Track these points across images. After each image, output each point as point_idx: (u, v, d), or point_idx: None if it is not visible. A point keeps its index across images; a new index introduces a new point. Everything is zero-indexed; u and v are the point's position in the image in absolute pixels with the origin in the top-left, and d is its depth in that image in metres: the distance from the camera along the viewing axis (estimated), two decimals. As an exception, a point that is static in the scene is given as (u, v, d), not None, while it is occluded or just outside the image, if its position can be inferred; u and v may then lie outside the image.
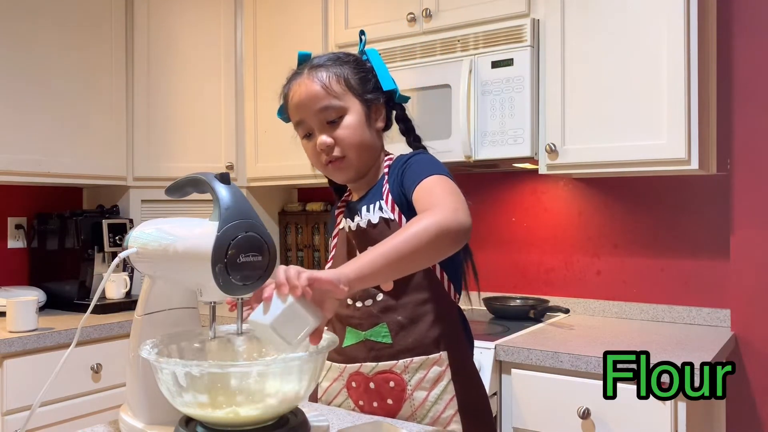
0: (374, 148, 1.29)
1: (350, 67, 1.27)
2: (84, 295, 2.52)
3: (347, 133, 1.23)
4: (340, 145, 1.24)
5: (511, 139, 2.08)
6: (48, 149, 2.43)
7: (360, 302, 1.23)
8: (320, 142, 1.24)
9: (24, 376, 2.03)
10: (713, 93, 2.08)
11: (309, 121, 1.25)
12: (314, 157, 1.29)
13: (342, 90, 1.24)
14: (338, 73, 1.25)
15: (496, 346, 1.82)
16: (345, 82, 1.25)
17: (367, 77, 1.28)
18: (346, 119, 1.24)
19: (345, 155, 1.24)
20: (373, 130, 1.28)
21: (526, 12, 2.11)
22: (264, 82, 2.76)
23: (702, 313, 2.15)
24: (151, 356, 0.90)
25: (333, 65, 1.26)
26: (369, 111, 1.27)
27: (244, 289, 0.94)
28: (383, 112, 1.31)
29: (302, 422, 0.97)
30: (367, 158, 1.28)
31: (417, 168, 1.20)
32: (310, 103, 1.23)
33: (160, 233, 1.01)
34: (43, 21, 2.42)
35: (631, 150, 1.93)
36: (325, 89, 1.23)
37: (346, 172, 1.27)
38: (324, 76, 1.24)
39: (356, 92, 1.25)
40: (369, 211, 1.24)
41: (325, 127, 1.24)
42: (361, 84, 1.27)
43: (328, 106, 1.23)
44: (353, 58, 1.31)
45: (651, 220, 2.26)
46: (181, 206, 2.67)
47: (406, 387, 1.19)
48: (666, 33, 1.88)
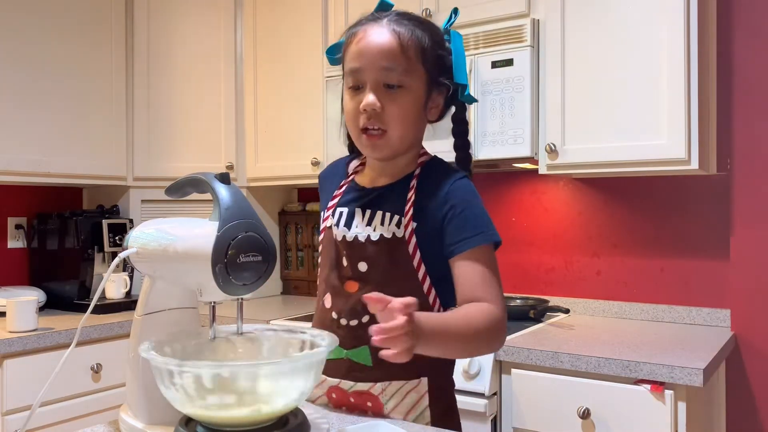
0: (418, 136, 1.18)
1: (435, 39, 1.13)
2: (84, 295, 2.52)
3: (399, 110, 1.10)
4: (386, 118, 1.10)
5: (511, 139, 2.08)
6: (48, 149, 2.43)
7: (346, 320, 1.15)
8: (367, 102, 1.09)
9: (24, 376, 2.03)
10: (713, 93, 2.08)
11: (366, 73, 1.10)
12: (352, 116, 1.13)
13: (416, 58, 1.10)
14: (421, 38, 1.11)
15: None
16: (422, 53, 1.10)
17: (445, 57, 1.14)
18: (406, 94, 1.10)
19: (386, 130, 1.11)
20: (425, 117, 1.16)
21: (526, 12, 2.11)
22: (264, 82, 2.76)
23: (702, 313, 2.15)
24: (172, 364, 0.88)
25: (419, 28, 1.12)
26: (430, 95, 1.14)
27: (244, 289, 0.94)
28: (442, 103, 1.18)
29: (302, 422, 0.97)
30: (407, 144, 1.15)
31: (469, 221, 1.10)
32: (377, 54, 1.08)
33: (160, 233, 1.01)
34: (44, 21, 2.42)
35: (631, 150, 1.93)
36: (401, 47, 1.08)
37: (379, 149, 1.13)
38: (405, 33, 1.09)
39: (428, 69, 1.12)
40: (384, 224, 1.13)
41: (381, 89, 1.09)
42: (437, 63, 1.13)
43: (395, 67, 1.08)
44: (440, 32, 1.16)
45: (651, 220, 2.26)
46: (181, 206, 2.66)
47: (382, 408, 1.14)
48: (666, 33, 1.88)
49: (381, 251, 1.13)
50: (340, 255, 1.17)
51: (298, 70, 2.64)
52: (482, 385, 1.79)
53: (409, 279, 1.13)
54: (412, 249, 1.12)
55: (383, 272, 1.13)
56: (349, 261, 1.16)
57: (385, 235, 1.13)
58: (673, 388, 1.59)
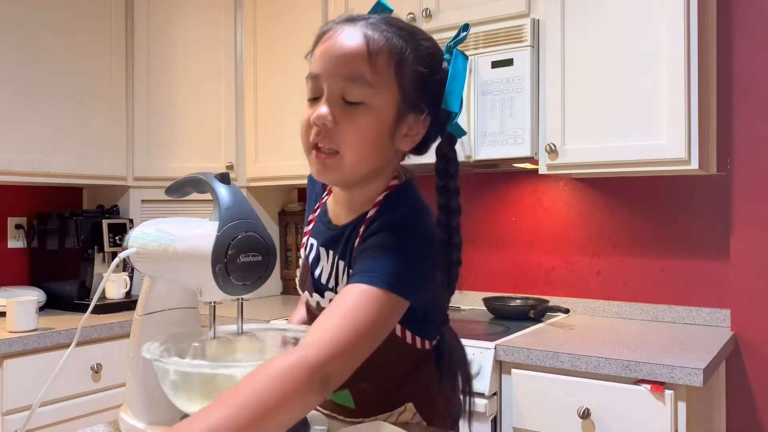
0: (379, 165, 0.97)
1: (419, 52, 0.94)
2: (84, 295, 2.52)
3: (354, 130, 0.91)
4: (338, 137, 0.92)
5: (511, 139, 2.08)
6: (48, 149, 2.43)
7: None
8: (318, 114, 0.91)
9: (24, 376, 2.03)
10: (713, 93, 2.08)
11: (324, 81, 0.92)
12: (304, 129, 0.95)
13: (386, 71, 0.91)
14: (397, 48, 0.92)
15: (496, 346, 1.82)
16: (396, 65, 0.92)
17: (429, 76, 0.95)
18: (366, 113, 0.92)
19: (338, 152, 0.93)
20: (393, 144, 0.96)
21: (526, 12, 2.11)
22: (264, 82, 2.76)
23: (702, 313, 2.15)
24: (172, 364, 0.87)
25: (398, 35, 0.93)
26: (400, 118, 0.94)
27: (244, 289, 0.94)
28: (421, 131, 0.97)
29: (302, 422, 0.97)
30: (361, 173, 0.95)
31: (376, 254, 0.88)
32: (339, 60, 0.91)
33: (160, 233, 1.01)
34: (43, 21, 2.43)
35: (631, 150, 1.93)
36: (368, 54, 0.90)
37: (328, 172, 0.95)
38: (378, 39, 0.91)
39: (402, 86, 0.93)
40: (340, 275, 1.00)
41: (338, 102, 0.92)
42: (416, 81, 0.94)
43: (357, 77, 0.90)
44: (431, 45, 0.97)
45: (651, 220, 2.26)
46: (181, 206, 2.66)
47: None
48: (666, 33, 1.88)
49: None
50: (310, 308, 1.11)
51: (298, 70, 2.64)
52: (482, 385, 1.79)
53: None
54: None
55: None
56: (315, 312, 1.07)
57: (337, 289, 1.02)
58: (673, 388, 1.59)
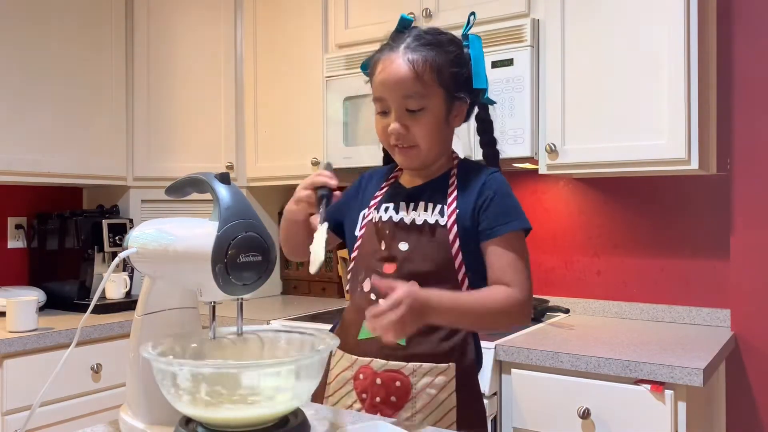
0: (446, 143, 1.28)
1: (449, 57, 1.22)
2: (84, 295, 2.52)
3: (423, 130, 1.21)
4: (412, 137, 1.21)
5: (511, 139, 2.08)
6: (48, 149, 2.43)
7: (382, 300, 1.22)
8: (393, 128, 1.21)
9: (24, 376, 2.03)
10: (713, 93, 2.08)
11: (389, 102, 1.22)
12: (383, 136, 1.26)
13: (432, 81, 1.20)
14: (434, 62, 1.20)
15: (496, 346, 1.82)
16: (437, 74, 1.20)
17: (461, 72, 1.23)
18: (427, 115, 1.21)
19: (416, 145, 1.22)
20: (450, 127, 1.27)
21: (526, 12, 2.11)
22: (264, 83, 2.76)
23: (702, 313, 2.15)
24: (172, 364, 0.88)
25: (432, 51, 1.21)
26: (451, 108, 1.24)
27: (244, 289, 0.94)
28: (465, 110, 1.27)
29: (302, 422, 0.97)
30: (437, 153, 1.26)
31: (503, 209, 1.22)
32: (396, 86, 1.20)
33: (160, 233, 1.01)
34: (44, 21, 2.42)
35: (631, 150, 1.93)
36: (416, 76, 1.19)
37: (412, 161, 1.25)
38: (419, 63, 1.19)
39: (446, 87, 1.21)
40: (427, 211, 1.24)
41: (404, 114, 1.21)
42: (453, 80, 1.22)
43: (413, 94, 1.19)
44: (455, 46, 1.25)
45: (651, 220, 2.26)
46: (181, 206, 2.66)
47: (411, 389, 1.19)
48: (666, 33, 1.88)
49: (423, 233, 1.22)
50: (380, 239, 1.25)
51: (298, 70, 2.64)
52: (482, 385, 1.78)
53: (446, 264, 1.21)
54: (453, 236, 1.21)
55: (422, 254, 1.22)
56: (390, 242, 1.24)
57: (428, 220, 1.23)
58: (673, 388, 1.59)
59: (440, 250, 1.21)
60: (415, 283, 1.09)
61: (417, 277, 1.16)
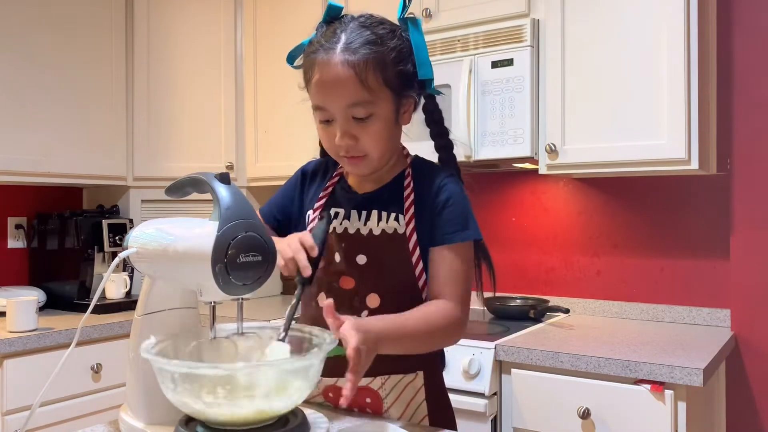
0: (396, 142, 1.19)
1: (393, 53, 1.09)
2: (84, 295, 2.52)
3: (374, 139, 1.11)
4: (362, 146, 1.11)
5: (511, 139, 2.08)
6: (48, 149, 2.43)
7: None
8: (341, 142, 1.10)
9: (24, 376, 2.03)
10: (713, 93, 2.08)
11: (332, 110, 1.10)
12: (330, 147, 1.15)
13: (377, 84, 1.08)
14: (378, 62, 1.07)
15: (496, 346, 1.82)
16: (382, 75, 1.08)
17: (406, 67, 1.11)
18: (376, 122, 1.10)
19: (366, 154, 1.12)
20: (399, 126, 1.17)
21: (526, 12, 2.11)
22: (264, 82, 2.76)
23: (702, 313, 2.15)
24: (172, 364, 0.89)
25: (373, 48, 1.08)
26: (399, 107, 1.13)
27: (244, 289, 0.94)
28: (413, 104, 1.17)
29: (302, 422, 0.97)
30: (388, 158, 1.17)
31: (456, 216, 1.13)
32: (338, 94, 1.08)
33: (160, 233, 1.01)
34: (43, 21, 2.42)
35: (631, 150, 1.93)
36: (359, 82, 1.06)
37: (363, 169, 1.16)
38: (361, 65, 1.06)
39: (392, 87, 1.10)
40: (382, 219, 1.15)
41: (351, 123, 1.09)
42: (400, 78, 1.10)
43: (359, 102, 1.07)
44: (397, 38, 1.11)
45: (651, 220, 2.26)
46: (181, 206, 2.66)
47: (382, 404, 1.16)
48: (666, 33, 1.88)
49: (382, 245, 1.15)
50: (332, 251, 1.17)
51: (298, 70, 2.63)
52: (482, 385, 1.79)
53: (407, 274, 1.15)
54: (413, 245, 1.14)
55: (382, 266, 1.15)
56: (346, 255, 1.16)
57: (386, 230, 1.15)
58: (673, 388, 1.59)
59: (401, 262, 1.14)
60: (356, 316, 1.03)
61: (377, 291, 1.14)
